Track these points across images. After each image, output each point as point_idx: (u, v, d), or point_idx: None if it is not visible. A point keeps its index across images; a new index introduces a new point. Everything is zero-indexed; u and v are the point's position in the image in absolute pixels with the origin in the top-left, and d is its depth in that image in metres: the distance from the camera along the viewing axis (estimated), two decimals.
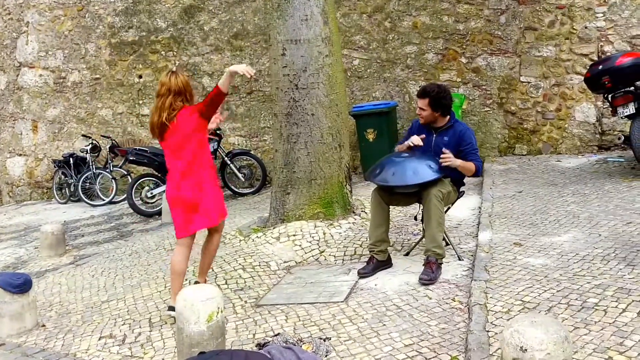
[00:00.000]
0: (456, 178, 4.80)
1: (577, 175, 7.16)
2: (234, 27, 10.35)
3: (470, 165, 4.64)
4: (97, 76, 11.26)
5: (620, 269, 4.08)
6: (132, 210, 8.93)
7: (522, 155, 8.77)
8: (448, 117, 4.81)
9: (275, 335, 3.66)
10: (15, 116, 11.88)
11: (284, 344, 3.47)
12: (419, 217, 5.04)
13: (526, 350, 2.44)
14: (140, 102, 11.06)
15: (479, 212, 6.18)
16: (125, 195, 9.94)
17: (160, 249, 6.42)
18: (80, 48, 11.33)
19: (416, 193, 4.70)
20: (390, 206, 4.86)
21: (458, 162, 4.60)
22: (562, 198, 6.17)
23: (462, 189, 4.97)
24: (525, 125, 8.83)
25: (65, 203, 10.86)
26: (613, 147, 8.36)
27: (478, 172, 4.73)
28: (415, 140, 4.74)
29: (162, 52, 10.82)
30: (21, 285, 4.48)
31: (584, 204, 5.82)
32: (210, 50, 10.53)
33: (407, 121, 9.43)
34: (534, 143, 8.81)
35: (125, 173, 10.39)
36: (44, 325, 4.63)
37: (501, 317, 3.59)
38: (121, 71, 11.13)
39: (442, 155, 4.56)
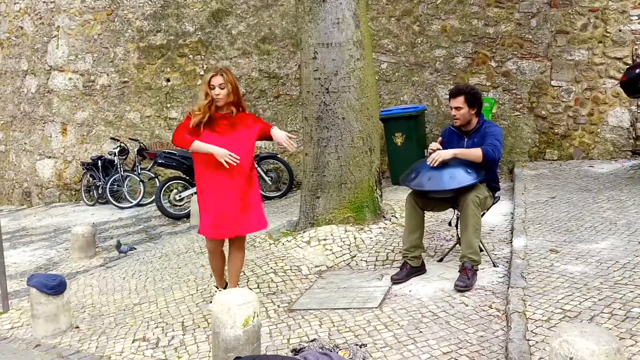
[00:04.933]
0: (491, 183, 4.72)
1: (612, 181, 7.02)
2: (261, 31, 10.36)
3: (475, 151, 4.46)
4: (126, 79, 11.35)
5: None
6: (160, 213, 8.97)
7: (553, 160, 8.64)
8: (478, 118, 4.73)
9: (311, 341, 3.63)
10: (45, 119, 12.03)
11: (320, 350, 3.43)
12: (454, 222, 4.98)
13: None
14: (168, 105, 11.12)
15: (512, 217, 6.10)
16: (152, 198, 10.03)
17: (190, 251, 6.43)
18: (109, 52, 11.43)
19: (452, 198, 4.64)
20: (425, 211, 4.80)
21: (450, 153, 4.46)
22: (597, 204, 6.05)
23: (497, 194, 4.89)
24: (556, 130, 8.69)
25: (93, 205, 10.96)
26: None
27: (490, 155, 4.43)
28: (433, 146, 4.71)
29: (190, 56, 10.87)
30: (56, 287, 4.51)
31: (621, 211, 5.70)
32: (238, 54, 10.56)
33: (436, 125, 9.35)
34: (565, 148, 8.67)
35: (153, 176, 10.45)
36: (77, 327, 4.65)
37: (541, 326, 3.52)
38: (149, 75, 11.20)
39: (428, 160, 4.48)
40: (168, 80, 11.08)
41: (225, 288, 4.61)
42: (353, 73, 5.95)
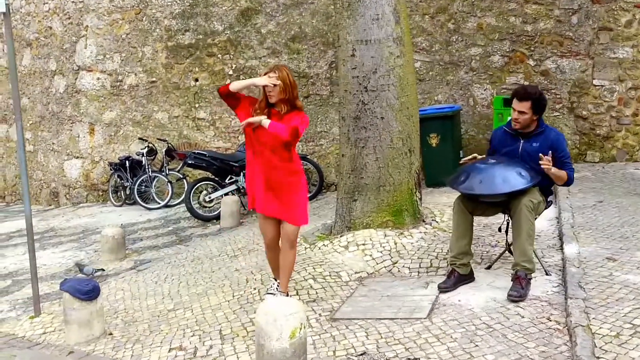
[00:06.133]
0: (545, 186, 4.47)
1: None
2: (291, 30, 10.17)
3: (563, 174, 4.33)
4: (154, 79, 11.24)
5: None
6: (189, 214, 8.82)
7: (595, 162, 8.32)
8: (538, 122, 4.48)
9: (361, 354, 3.42)
10: (73, 119, 11.98)
11: None
12: (504, 228, 4.73)
13: None
14: (197, 105, 10.98)
15: (557, 222, 5.83)
16: (181, 199, 9.90)
17: (223, 255, 6.26)
18: (137, 51, 11.34)
19: (503, 202, 4.40)
20: (474, 216, 4.56)
21: (553, 170, 4.27)
22: None
23: (550, 198, 4.63)
24: (597, 131, 8.38)
25: (120, 206, 10.87)
26: None
27: (570, 182, 4.43)
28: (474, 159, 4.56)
29: (219, 56, 10.71)
30: (90, 292, 4.35)
31: None
32: (267, 53, 10.38)
33: (471, 126, 9.09)
34: (607, 150, 8.35)
35: (181, 177, 10.32)
36: (111, 334, 4.49)
37: (610, 342, 3.27)
38: (177, 74, 11.07)
39: (541, 162, 4.24)
40: (196, 80, 10.95)
41: None
42: (393, 71, 5.73)
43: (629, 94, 8.11)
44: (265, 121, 4.21)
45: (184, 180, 10.17)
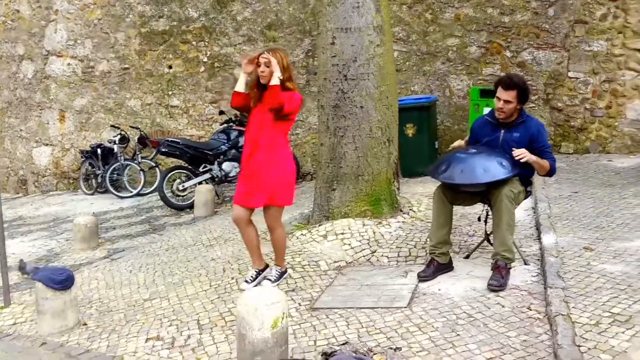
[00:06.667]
0: (525, 176, 4.47)
1: (635, 176, 6.80)
2: (267, 18, 10.06)
3: (545, 163, 4.33)
4: (126, 66, 11.02)
5: None
6: (162, 203, 8.69)
7: (569, 154, 8.41)
8: (520, 112, 4.48)
9: (343, 344, 3.38)
10: (42, 105, 11.68)
11: (355, 355, 3.19)
12: (483, 217, 4.73)
13: None
14: (170, 92, 10.81)
15: (534, 212, 5.87)
16: (153, 187, 9.75)
17: (198, 244, 6.16)
18: (110, 37, 11.09)
19: (483, 192, 4.40)
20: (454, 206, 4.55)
21: (534, 158, 4.28)
22: (624, 200, 5.83)
23: (529, 188, 4.64)
24: (572, 123, 8.47)
25: (92, 194, 10.65)
26: None
27: (552, 171, 4.43)
28: (457, 144, 4.63)
29: (193, 43, 10.55)
30: (64, 282, 4.23)
31: None
32: (242, 40, 10.25)
33: (447, 117, 9.11)
34: (581, 141, 8.45)
35: (154, 165, 10.13)
36: (85, 324, 4.38)
37: (590, 331, 3.29)
38: (151, 61, 10.88)
39: (514, 153, 4.24)
40: (170, 67, 10.77)
41: (262, 270, 4.68)
42: (373, 60, 5.68)
43: (603, 87, 8.21)
44: (276, 79, 4.30)
45: (157, 169, 10.00)
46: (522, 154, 4.23)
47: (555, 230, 5.09)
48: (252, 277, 4.64)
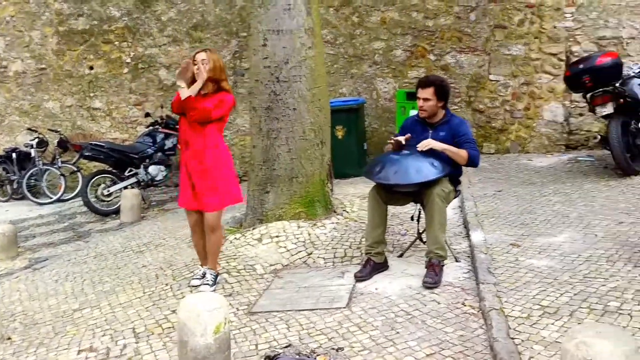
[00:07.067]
0: (454, 175, 4.61)
1: (553, 174, 7.16)
2: (193, 18, 9.90)
3: (461, 151, 4.40)
4: (43, 66, 10.56)
5: (630, 270, 4.00)
6: (86, 209, 8.37)
7: (490, 154, 8.74)
8: (444, 111, 4.62)
9: (286, 347, 3.37)
10: None
11: (298, 357, 3.19)
12: (415, 216, 4.85)
13: None
14: (92, 94, 10.43)
15: (461, 211, 6.06)
16: (75, 193, 9.39)
17: (127, 250, 5.98)
18: (24, 35, 10.59)
19: (415, 192, 4.50)
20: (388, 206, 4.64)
21: (442, 146, 4.37)
22: (545, 197, 6.12)
23: (458, 187, 4.79)
24: (493, 124, 8.81)
25: (6, 201, 10.13)
26: (580, 146, 8.46)
27: (474, 161, 4.46)
28: (400, 139, 4.59)
29: (116, 43, 10.23)
30: None
31: (569, 204, 5.78)
32: (168, 41, 10.05)
33: (375, 118, 9.28)
34: (502, 142, 8.81)
35: (76, 169, 9.73)
36: (9, 338, 4.16)
37: (523, 324, 3.43)
38: (70, 61, 10.47)
39: (418, 146, 4.37)
40: (91, 68, 10.41)
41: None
42: (304, 62, 5.70)
43: (522, 89, 8.59)
44: (185, 91, 4.30)
45: (79, 173, 9.64)
46: (426, 144, 4.34)
47: (483, 228, 5.28)
48: (201, 274, 4.66)
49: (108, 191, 8.40)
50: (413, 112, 8.24)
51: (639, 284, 3.75)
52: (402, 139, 4.53)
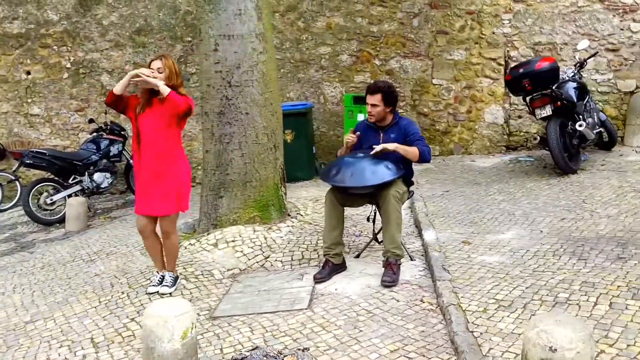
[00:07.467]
0: (408, 177, 4.75)
1: (496, 174, 7.43)
2: (136, 22, 9.74)
3: (413, 149, 4.53)
4: None
5: (575, 264, 4.22)
6: (28, 218, 8.09)
7: (435, 155, 8.97)
8: (393, 114, 4.75)
9: (253, 349, 3.39)
10: None
11: (265, 358, 3.22)
12: (371, 218, 4.95)
13: (556, 350, 2.40)
14: (29, 100, 10.09)
15: (412, 211, 6.22)
16: (13, 203, 9.06)
17: (77, 260, 5.84)
18: None
19: (370, 194, 4.61)
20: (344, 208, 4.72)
21: (393, 146, 4.49)
22: (491, 197, 6.36)
23: (411, 188, 4.93)
24: (437, 127, 9.06)
25: None
26: (520, 147, 8.80)
27: (425, 157, 4.57)
28: (350, 138, 4.70)
29: (55, 47, 9.94)
30: None
31: (514, 202, 6.02)
32: (109, 46, 9.84)
33: (323, 122, 9.37)
34: (445, 144, 9.06)
35: (13, 178, 9.37)
36: None
37: (480, 317, 3.57)
38: (5, 66, 10.09)
39: (372, 152, 4.48)
40: (28, 73, 10.06)
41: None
42: (256, 67, 5.73)
43: (464, 93, 8.87)
44: (165, 87, 4.25)
45: (17, 182, 9.30)
46: (379, 149, 4.45)
47: (434, 227, 5.44)
48: (158, 281, 4.65)
49: (51, 200, 8.15)
50: (361, 116, 8.41)
51: (584, 275, 3.97)
52: (354, 136, 4.66)
